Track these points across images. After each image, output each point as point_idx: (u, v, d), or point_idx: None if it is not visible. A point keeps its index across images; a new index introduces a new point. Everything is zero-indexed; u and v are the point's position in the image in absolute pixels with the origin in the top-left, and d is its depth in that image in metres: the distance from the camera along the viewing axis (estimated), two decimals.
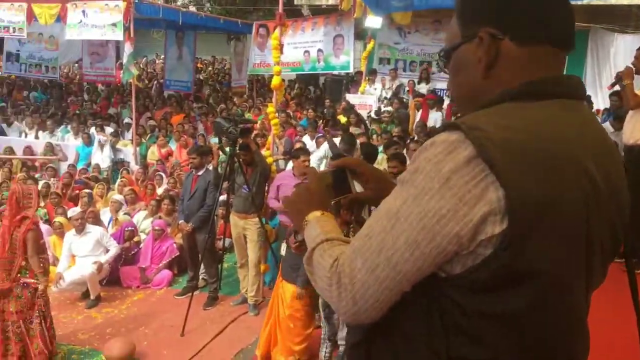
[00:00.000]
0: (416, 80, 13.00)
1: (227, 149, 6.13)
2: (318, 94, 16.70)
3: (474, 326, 1.08)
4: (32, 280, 5.04)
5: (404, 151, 7.32)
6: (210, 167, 6.93)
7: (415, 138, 8.54)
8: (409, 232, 1.07)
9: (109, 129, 12.65)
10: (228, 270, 7.51)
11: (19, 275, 5.00)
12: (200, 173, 6.60)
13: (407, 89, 12.97)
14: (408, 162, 6.66)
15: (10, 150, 11.54)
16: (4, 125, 13.44)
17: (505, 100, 1.13)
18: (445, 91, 12.29)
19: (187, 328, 5.90)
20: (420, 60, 13.81)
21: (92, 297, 6.68)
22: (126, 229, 7.56)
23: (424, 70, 13.28)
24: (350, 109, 11.02)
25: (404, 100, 12.06)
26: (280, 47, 7.14)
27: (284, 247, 5.29)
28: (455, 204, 1.03)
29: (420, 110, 10.58)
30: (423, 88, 12.53)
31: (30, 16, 11.51)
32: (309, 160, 6.25)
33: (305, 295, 5.08)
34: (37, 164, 11.22)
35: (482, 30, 1.16)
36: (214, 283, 6.71)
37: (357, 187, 1.51)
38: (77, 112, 14.83)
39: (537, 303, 1.07)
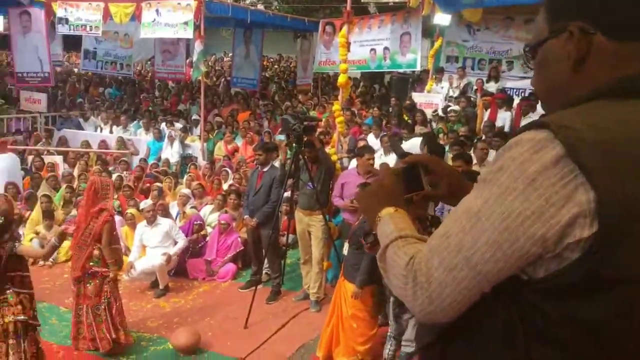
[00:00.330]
0: (485, 79, 12.70)
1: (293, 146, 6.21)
2: (383, 92, 16.61)
3: (556, 332, 1.05)
4: (102, 269, 5.27)
5: (471, 151, 7.18)
6: (276, 164, 7.01)
7: (483, 138, 8.35)
8: (490, 232, 1.05)
9: (178, 125, 13.04)
10: (291, 266, 7.60)
11: (90, 264, 5.24)
12: (265, 169, 6.70)
13: (475, 87, 12.70)
14: (474, 161, 6.53)
15: (87, 144, 12.10)
16: (81, 120, 14.11)
17: (595, 98, 1.09)
18: (515, 90, 11.94)
19: (250, 321, 6.02)
20: (489, 59, 13.49)
21: (160, 287, 6.91)
22: (195, 222, 7.77)
23: (493, 69, 12.96)
24: (412, 108, 10.90)
25: (472, 99, 11.81)
26: (347, 45, 7.15)
27: (346, 246, 5.30)
28: (541, 205, 1.00)
29: (489, 110, 10.34)
30: (492, 87, 12.23)
31: (107, 15, 12.00)
32: (373, 159, 6.23)
33: (363, 294, 5.07)
34: (110, 157, 11.69)
35: (572, 24, 1.12)
36: (276, 278, 6.80)
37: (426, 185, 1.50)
38: (149, 108, 15.38)
39: (624, 311, 1.02)
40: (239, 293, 6.99)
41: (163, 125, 12.83)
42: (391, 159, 8.09)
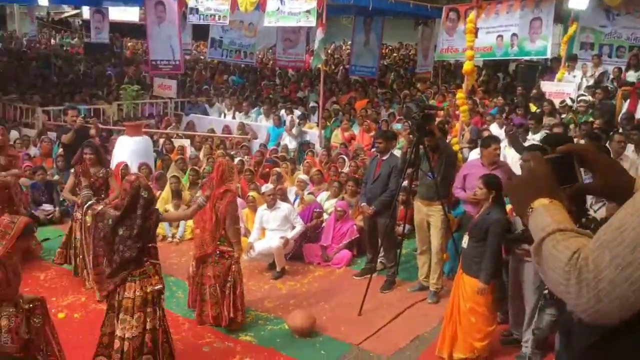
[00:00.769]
0: (623, 68, 11.77)
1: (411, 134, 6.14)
2: (507, 80, 15.95)
3: None
4: (229, 249, 5.54)
5: (607, 144, 6.70)
6: (395, 152, 6.97)
7: (620, 130, 7.77)
8: None
9: (297, 112, 13.37)
10: (406, 256, 7.55)
11: (218, 243, 5.53)
12: (384, 158, 6.69)
13: (611, 76, 11.82)
14: (611, 155, 6.09)
15: (212, 130, 12.74)
16: (207, 106, 14.88)
17: None
18: None
19: (365, 308, 6.06)
20: (629, 45, 12.48)
21: (277, 269, 7.14)
22: (315, 210, 7.94)
23: (633, 57, 11.98)
24: (540, 97, 10.35)
25: (609, 88, 11.00)
26: (475, 31, 6.92)
27: (465, 238, 5.17)
28: None
29: (628, 101, 9.58)
30: (632, 76, 11.31)
31: (234, 5, 12.49)
32: (499, 149, 6.01)
33: (487, 290, 4.93)
34: (232, 142, 12.21)
35: None
36: (392, 267, 6.79)
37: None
38: (269, 95, 15.89)
39: None
40: (353, 280, 7.06)
41: (282, 111, 13.20)
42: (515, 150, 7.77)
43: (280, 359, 5.18)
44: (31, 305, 4.00)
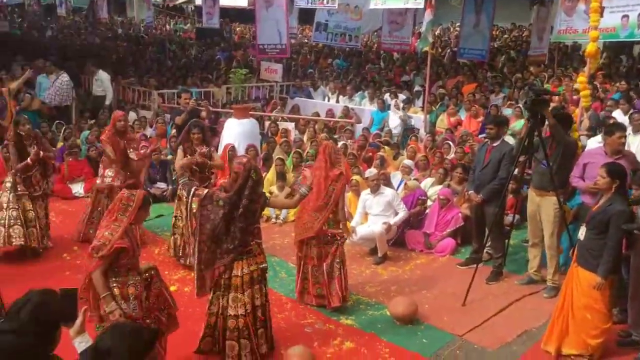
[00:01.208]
0: None
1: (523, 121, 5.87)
2: (630, 63, 14.82)
3: None
4: (337, 231, 5.59)
5: None
6: (507, 139, 6.69)
7: None
8: None
9: (402, 96, 13.19)
10: (514, 247, 7.26)
11: (325, 226, 5.58)
12: (495, 144, 6.43)
13: None
14: None
15: (316, 114, 12.87)
16: (311, 89, 15.05)
17: None
18: None
19: (469, 299, 5.91)
20: None
21: (379, 254, 7.12)
22: (419, 197, 7.82)
23: None
24: None
25: None
26: (601, 10, 6.45)
27: (582, 229, 4.87)
28: None
29: None
30: None
31: None
32: (624, 137, 5.59)
33: (605, 286, 4.64)
34: (335, 125, 12.26)
35: None
36: (498, 258, 6.56)
37: None
38: (374, 79, 15.78)
39: None
40: (457, 269, 6.90)
41: (387, 95, 13.08)
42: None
43: (381, 345, 5.17)
44: (147, 275, 4.27)
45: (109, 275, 3.99)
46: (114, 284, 4.00)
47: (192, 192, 4.61)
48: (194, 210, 4.53)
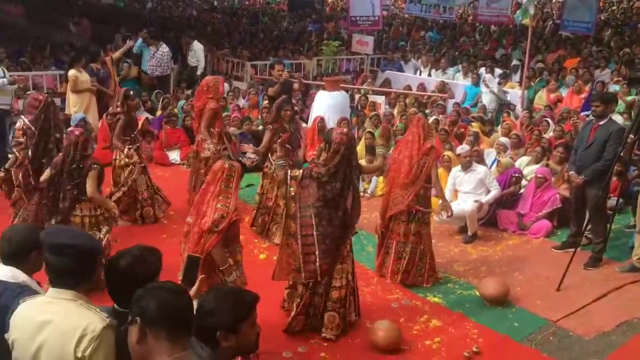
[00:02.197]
0: None
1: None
2: None
3: None
4: (425, 209, 5.50)
5: None
6: (615, 117, 6.28)
7: None
8: None
9: (498, 70, 12.70)
10: (616, 232, 6.85)
11: (413, 202, 5.51)
12: (601, 123, 6.05)
13: None
14: None
15: (408, 87, 12.65)
16: (402, 62, 14.79)
17: None
18: None
19: (565, 284, 5.67)
20: None
21: (469, 233, 6.95)
22: (513, 174, 7.53)
23: None
24: None
25: None
26: None
27: None
28: None
29: None
30: None
31: None
32: None
33: None
34: (427, 100, 12.02)
35: None
36: (598, 244, 6.22)
37: None
38: (468, 52, 15.28)
39: None
40: (552, 252, 6.62)
41: (482, 70, 12.63)
42: None
43: (469, 325, 5.07)
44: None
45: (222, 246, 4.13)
46: (227, 254, 4.15)
47: (288, 176, 4.54)
48: (292, 194, 4.50)
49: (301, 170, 4.58)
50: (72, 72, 9.28)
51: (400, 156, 5.71)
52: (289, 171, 4.57)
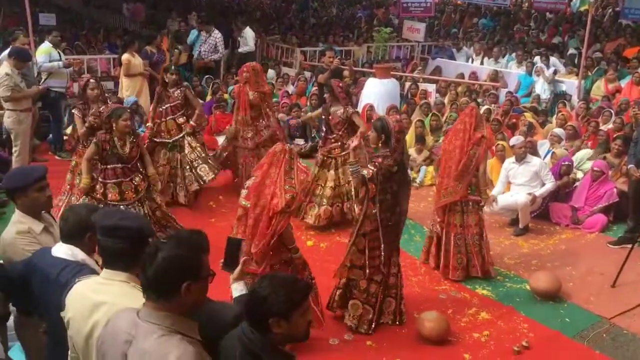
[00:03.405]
0: None
1: None
2: None
3: None
4: (478, 198, 5.43)
5: None
6: None
7: None
8: None
9: (554, 60, 12.35)
10: None
11: (468, 191, 5.43)
12: None
13: None
14: None
15: (459, 76, 12.43)
16: (454, 50, 14.52)
17: None
18: None
19: (620, 280, 5.52)
20: None
21: (520, 225, 6.82)
22: (563, 163, 7.33)
23: None
24: None
25: None
26: None
27: None
28: None
29: None
30: None
31: None
32: None
33: None
34: (478, 89, 11.79)
35: None
36: None
37: None
38: (523, 40, 14.90)
39: None
40: (607, 248, 6.44)
41: (537, 58, 12.32)
42: None
43: (519, 319, 5.00)
44: None
45: None
46: None
47: (365, 179, 4.44)
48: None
49: (373, 169, 4.45)
50: (125, 56, 9.48)
51: (451, 146, 5.63)
52: (364, 173, 4.46)
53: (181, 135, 6.91)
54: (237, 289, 2.78)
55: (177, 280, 1.96)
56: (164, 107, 6.89)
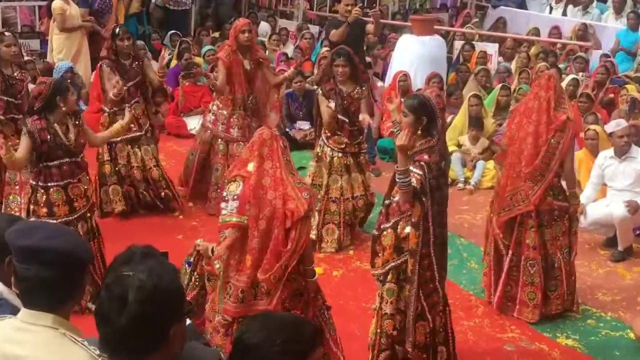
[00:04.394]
0: None
1: None
2: None
3: None
4: (565, 204, 5.44)
5: None
6: None
7: None
8: None
9: None
10: None
11: (549, 197, 5.42)
12: None
13: None
14: None
15: (533, 32, 12.42)
16: None
17: None
18: None
19: None
20: None
21: (619, 247, 6.85)
22: None
23: None
24: None
25: None
26: None
27: None
28: None
29: None
30: None
31: None
32: None
33: None
34: (561, 50, 11.79)
35: None
36: None
37: None
38: None
39: None
40: None
41: None
42: None
43: None
44: None
45: None
46: None
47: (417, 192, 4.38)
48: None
49: (420, 173, 4.34)
50: (57, 4, 9.51)
51: (521, 132, 5.58)
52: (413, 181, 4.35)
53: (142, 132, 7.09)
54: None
55: (164, 324, 1.93)
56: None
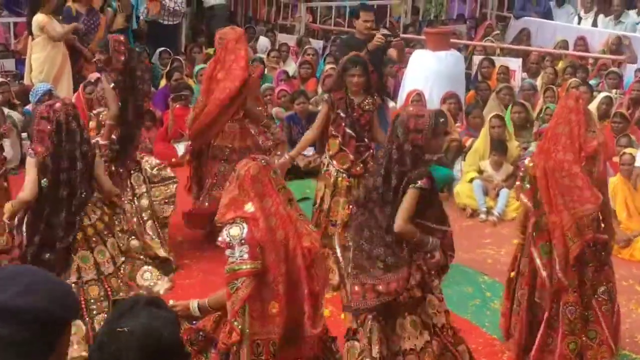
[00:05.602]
0: None
1: None
2: None
3: None
4: (604, 236, 5.37)
5: None
6: None
7: None
8: None
9: None
10: None
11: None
12: None
13: None
14: None
15: (561, 45, 12.40)
16: (552, 4, 14.50)
17: None
18: None
19: None
20: None
21: None
22: None
23: None
24: None
25: None
26: None
27: None
28: None
29: None
30: None
31: None
32: None
33: None
34: (591, 66, 11.77)
35: None
36: None
37: None
38: None
39: None
40: None
41: None
42: None
43: None
44: None
45: None
46: None
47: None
48: None
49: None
50: (40, 18, 9.45)
51: (556, 163, 5.48)
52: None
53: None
54: None
55: None
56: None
